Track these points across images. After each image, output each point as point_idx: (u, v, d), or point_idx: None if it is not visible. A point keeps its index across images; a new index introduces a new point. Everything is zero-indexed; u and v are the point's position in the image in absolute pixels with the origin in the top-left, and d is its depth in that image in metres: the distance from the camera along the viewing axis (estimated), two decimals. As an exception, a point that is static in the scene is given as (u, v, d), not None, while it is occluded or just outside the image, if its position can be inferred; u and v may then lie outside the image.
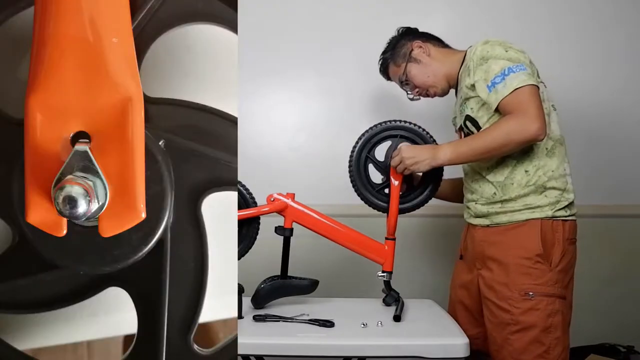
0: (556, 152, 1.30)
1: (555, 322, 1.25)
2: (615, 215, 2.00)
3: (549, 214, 1.28)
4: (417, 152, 1.29)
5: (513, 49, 1.28)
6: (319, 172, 1.96)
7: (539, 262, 1.26)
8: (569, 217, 1.31)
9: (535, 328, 1.24)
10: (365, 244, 1.35)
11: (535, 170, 1.29)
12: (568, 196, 1.31)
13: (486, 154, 1.25)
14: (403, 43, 1.47)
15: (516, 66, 1.23)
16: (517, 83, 1.21)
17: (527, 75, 1.22)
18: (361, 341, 1.16)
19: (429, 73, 1.44)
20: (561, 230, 1.28)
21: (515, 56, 1.25)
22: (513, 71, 1.22)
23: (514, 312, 1.26)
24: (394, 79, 1.52)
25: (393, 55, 1.48)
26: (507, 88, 1.22)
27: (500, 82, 1.23)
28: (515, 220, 1.30)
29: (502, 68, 1.23)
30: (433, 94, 1.47)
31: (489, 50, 1.28)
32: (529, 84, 1.21)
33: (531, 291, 1.25)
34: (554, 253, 1.27)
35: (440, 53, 1.45)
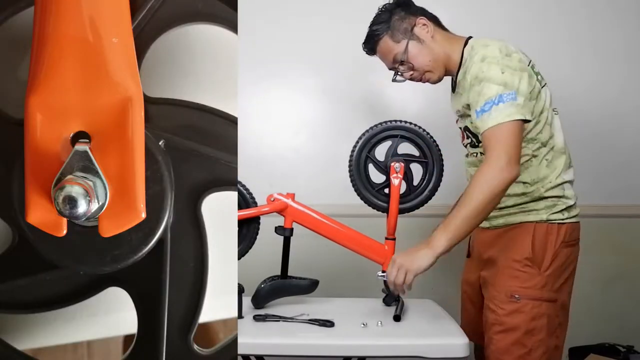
0: (556, 163, 1.30)
1: (539, 325, 1.24)
2: (616, 216, 2.00)
3: (544, 218, 1.28)
4: (412, 253, 1.20)
5: (510, 68, 1.21)
6: (319, 172, 1.96)
7: (527, 265, 1.26)
8: (566, 220, 1.29)
9: (518, 330, 1.24)
10: (365, 244, 1.35)
11: (533, 182, 1.29)
12: (567, 201, 1.30)
13: (480, 216, 1.17)
14: (403, 16, 1.34)
15: (508, 95, 1.17)
16: (502, 117, 1.16)
17: (516, 108, 1.17)
18: (361, 341, 1.16)
19: (430, 57, 1.33)
20: (555, 234, 1.27)
21: (511, 80, 1.19)
22: (503, 101, 1.17)
23: (499, 312, 1.26)
24: (384, 57, 1.38)
25: (391, 29, 1.34)
26: (491, 119, 1.17)
27: (487, 111, 1.18)
28: (510, 223, 1.31)
29: (493, 96, 1.18)
30: (427, 79, 1.37)
31: (485, 70, 1.21)
32: (513, 119, 1.16)
33: (517, 294, 1.25)
34: (545, 256, 1.26)
35: (442, 37, 1.35)
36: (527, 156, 1.28)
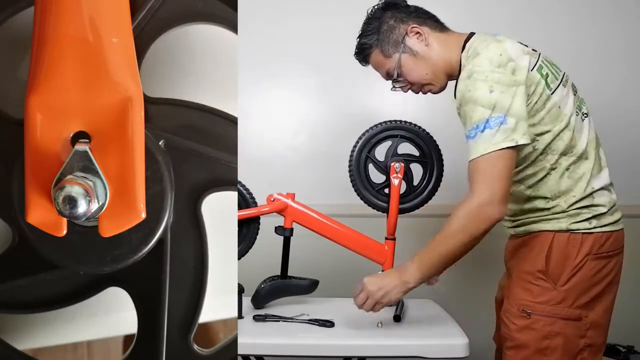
0: (579, 172, 1.15)
1: (553, 345, 1.12)
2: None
3: (564, 227, 1.14)
4: (383, 282, 1.14)
5: (500, 84, 1.06)
6: (319, 172, 1.96)
7: (540, 278, 1.15)
8: (594, 230, 1.14)
9: (528, 348, 1.14)
10: (365, 244, 1.35)
11: (555, 197, 1.15)
12: (596, 209, 1.15)
13: (458, 256, 1.10)
14: (392, 25, 1.20)
15: (496, 118, 1.04)
16: (486, 147, 1.04)
17: (505, 133, 1.04)
18: (361, 341, 1.16)
19: (428, 69, 1.20)
20: (578, 245, 1.13)
21: (500, 100, 1.05)
22: (490, 127, 1.05)
23: (511, 327, 1.17)
24: (377, 69, 1.26)
25: (380, 42, 1.21)
26: (474, 150, 1.06)
27: (473, 138, 1.07)
28: (531, 231, 1.19)
29: (478, 121, 1.06)
30: (428, 90, 1.25)
31: (471, 89, 1.07)
32: (499, 148, 1.04)
33: (529, 309, 1.14)
34: (563, 270, 1.13)
35: (440, 40, 1.20)
36: (545, 170, 1.15)
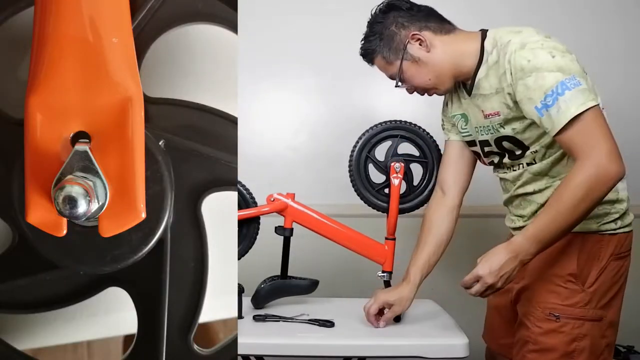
0: None
1: (580, 347, 1.11)
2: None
3: (593, 228, 1.12)
4: (496, 264, 1.04)
5: (558, 50, 1.02)
6: (319, 172, 1.96)
7: (570, 281, 1.12)
8: (618, 230, 1.13)
9: (555, 352, 1.11)
10: (365, 244, 1.35)
11: None
12: (620, 206, 1.13)
13: (572, 227, 1.03)
14: (393, 32, 1.16)
15: (569, 79, 0.98)
16: (575, 108, 0.97)
17: (584, 92, 0.98)
18: (361, 341, 1.16)
19: (430, 75, 1.17)
20: (605, 246, 1.12)
21: (564, 63, 1.00)
22: (568, 88, 0.98)
23: (535, 330, 1.14)
24: (382, 71, 1.24)
25: (382, 48, 1.18)
26: (563, 115, 0.98)
27: (552, 105, 0.99)
28: None
29: (552, 85, 0.99)
30: (434, 93, 1.23)
31: (531, 58, 1.01)
32: (590, 106, 0.98)
33: (557, 312, 1.12)
34: (591, 271, 1.12)
35: (445, 43, 1.16)
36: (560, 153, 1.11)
